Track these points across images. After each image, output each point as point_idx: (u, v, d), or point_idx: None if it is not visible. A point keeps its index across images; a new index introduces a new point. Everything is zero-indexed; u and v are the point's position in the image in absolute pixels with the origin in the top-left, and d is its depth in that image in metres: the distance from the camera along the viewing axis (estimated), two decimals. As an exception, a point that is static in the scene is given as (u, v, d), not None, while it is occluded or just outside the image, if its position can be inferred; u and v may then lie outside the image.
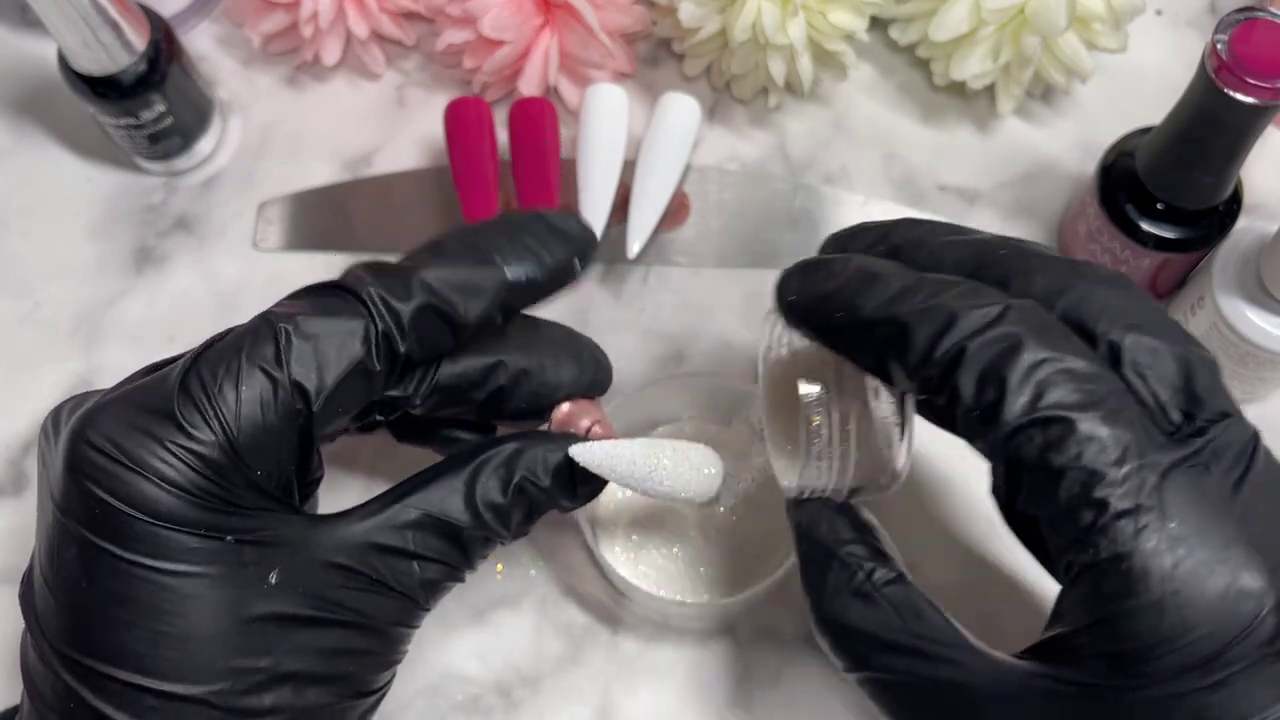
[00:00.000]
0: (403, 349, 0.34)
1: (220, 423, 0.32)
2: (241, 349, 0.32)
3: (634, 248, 0.51)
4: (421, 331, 0.34)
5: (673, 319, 0.54)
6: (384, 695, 0.36)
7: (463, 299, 0.35)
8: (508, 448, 0.36)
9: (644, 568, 0.47)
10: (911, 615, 0.33)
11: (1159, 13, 0.60)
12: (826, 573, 0.35)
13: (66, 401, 0.34)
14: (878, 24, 0.57)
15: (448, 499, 0.35)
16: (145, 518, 0.31)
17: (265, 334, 0.33)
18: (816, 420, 0.36)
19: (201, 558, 0.31)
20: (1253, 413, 0.51)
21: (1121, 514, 0.29)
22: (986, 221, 0.55)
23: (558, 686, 0.47)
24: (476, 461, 0.36)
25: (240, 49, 0.60)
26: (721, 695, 0.47)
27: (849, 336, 0.34)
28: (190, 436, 0.31)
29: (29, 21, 0.61)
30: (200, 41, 0.60)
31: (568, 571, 0.49)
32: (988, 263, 0.34)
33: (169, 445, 0.31)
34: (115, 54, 0.50)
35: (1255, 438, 0.31)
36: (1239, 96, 0.41)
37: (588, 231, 0.39)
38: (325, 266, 0.55)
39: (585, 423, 0.39)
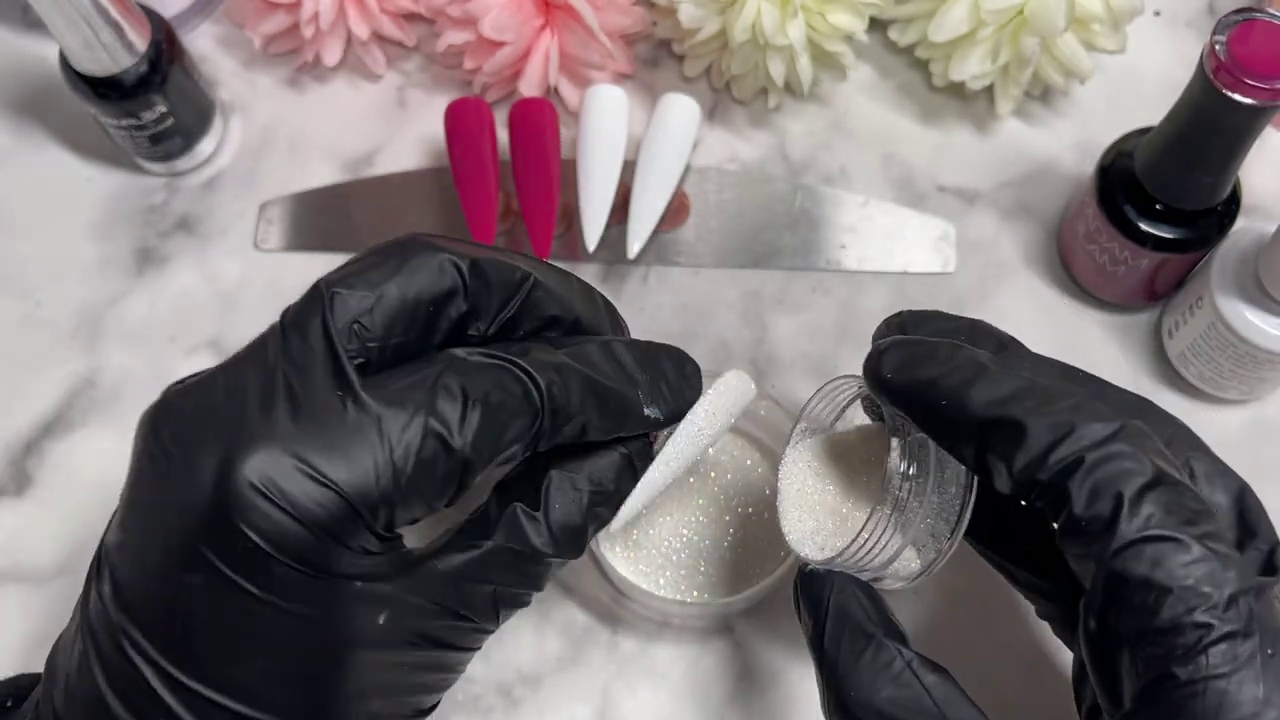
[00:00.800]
0: (542, 448, 0.34)
1: (389, 475, 0.31)
2: (425, 408, 0.32)
3: (634, 248, 0.52)
4: (562, 439, 0.35)
5: (673, 319, 0.54)
6: (435, 709, 0.37)
7: (604, 427, 0.35)
8: (575, 465, 0.36)
9: (644, 567, 0.47)
10: (953, 708, 0.33)
11: (1157, 14, 0.60)
12: (861, 653, 0.34)
13: (176, 393, 0.34)
14: (877, 25, 0.58)
15: (527, 527, 0.35)
16: (286, 560, 0.30)
17: (455, 398, 0.32)
18: (902, 493, 0.36)
19: (325, 600, 0.31)
20: (1251, 413, 0.52)
21: (1225, 637, 0.29)
22: (986, 221, 0.55)
23: (558, 686, 0.47)
24: (548, 483, 0.36)
25: (241, 50, 0.60)
26: (721, 695, 0.47)
27: (951, 426, 0.34)
28: (352, 479, 0.31)
29: (30, 22, 0.61)
30: (201, 42, 0.60)
31: (568, 571, 0.49)
32: (1068, 381, 0.35)
33: (329, 484, 0.31)
34: (116, 55, 0.50)
35: None
36: (1237, 97, 0.41)
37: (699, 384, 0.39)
38: (326, 267, 0.55)
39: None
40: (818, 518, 0.39)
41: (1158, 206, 0.48)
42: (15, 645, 0.48)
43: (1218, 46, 0.41)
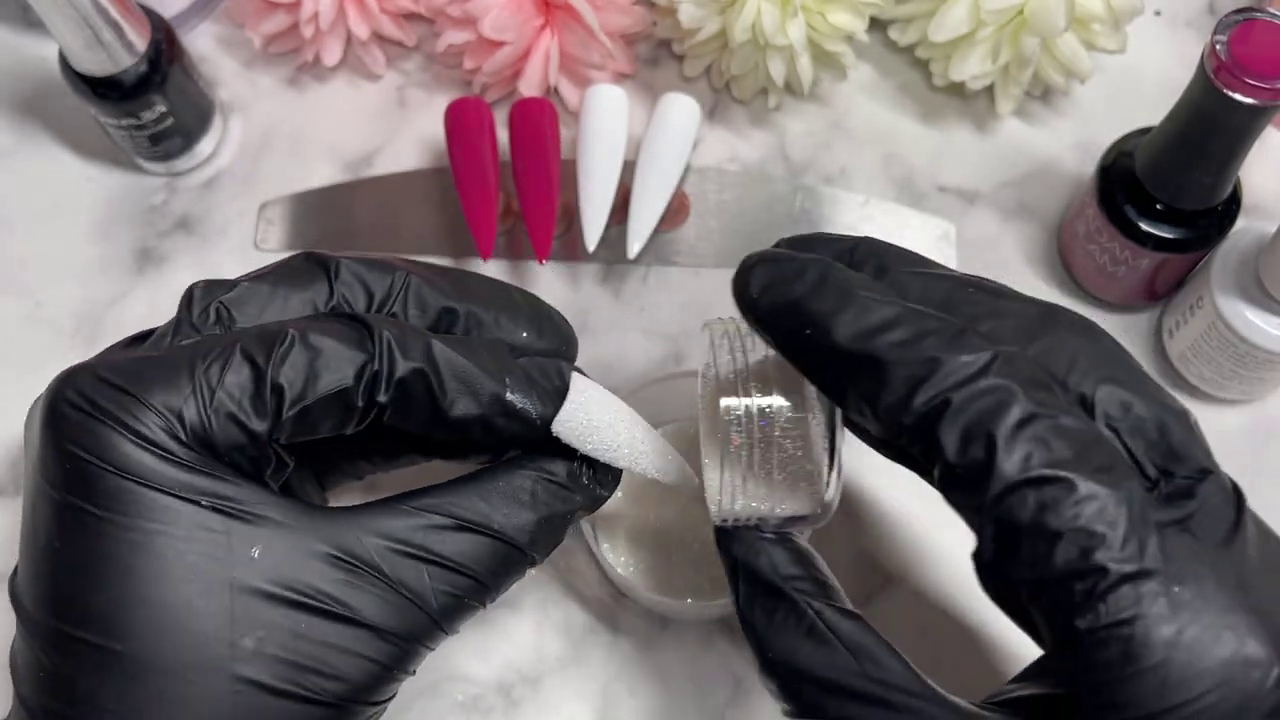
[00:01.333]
0: (382, 399, 0.33)
1: (199, 398, 0.31)
2: (239, 339, 0.32)
3: (634, 248, 0.52)
4: (405, 393, 0.33)
5: (673, 319, 0.54)
6: (382, 711, 0.35)
7: (456, 391, 0.34)
8: (517, 463, 0.36)
9: (644, 568, 0.47)
10: (869, 659, 0.31)
11: (1158, 13, 0.60)
12: (772, 611, 0.33)
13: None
14: (877, 25, 0.58)
15: (461, 501, 0.34)
16: (121, 473, 0.30)
17: (270, 333, 0.33)
18: (739, 439, 0.34)
19: (178, 520, 0.30)
20: (1251, 413, 0.52)
21: (1123, 579, 0.27)
22: (986, 221, 0.55)
23: (558, 686, 0.47)
24: (496, 469, 0.35)
25: (241, 50, 0.60)
26: (721, 695, 0.47)
27: (814, 358, 0.31)
28: (168, 401, 0.31)
29: (30, 22, 0.61)
30: (201, 42, 0.60)
31: (568, 571, 0.49)
32: (957, 300, 0.32)
33: (148, 405, 0.31)
34: (116, 55, 0.50)
35: (1239, 494, 0.30)
36: (1238, 97, 0.41)
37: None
38: (326, 267, 0.55)
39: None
40: (721, 471, 0.36)
41: (1158, 206, 0.48)
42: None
43: (1218, 46, 0.41)
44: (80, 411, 0.31)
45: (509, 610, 0.48)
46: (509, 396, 0.34)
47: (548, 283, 0.54)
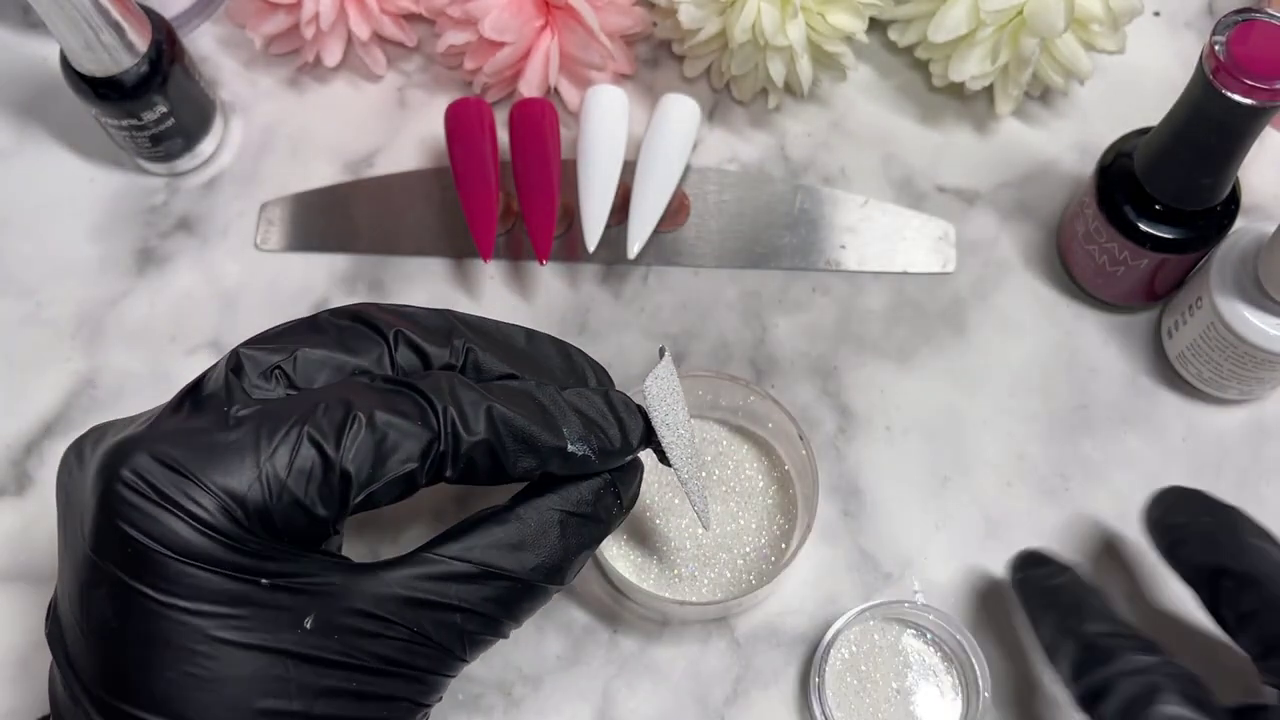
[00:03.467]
0: (449, 475, 0.34)
1: (264, 485, 0.31)
2: (305, 420, 0.32)
3: (634, 248, 0.52)
4: (472, 465, 0.34)
5: (673, 319, 0.54)
6: None
7: (518, 453, 0.35)
8: (537, 495, 0.36)
9: (644, 567, 0.47)
10: None
11: (1157, 14, 0.60)
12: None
13: (88, 434, 0.34)
14: (876, 25, 0.58)
15: (488, 550, 0.35)
16: (181, 559, 0.30)
17: (336, 414, 0.32)
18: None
19: (234, 600, 0.31)
20: (1251, 412, 0.52)
21: None
22: (985, 221, 0.55)
23: (558, 685, 0.47)
24: (522, 508, 0.36)
25: (242, 50, 0.60)
26: (721, 695, 0.47)
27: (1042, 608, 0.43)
28: (230, 485, 0.31)
29: (31, 23, 0.61)
30: (202, 42, 0.60)
31: (568, 571, 0.49)
32: None
33: (209, 489, 0.31)
34: (117, 55, 0.50)
35: None
36: (1237, 98, 0.42)
37: (643, 424, 0.38)
38: (327, 267, 0.55)
39: None
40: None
41: (1157, 206, 0.48)
42: (15, 645, 0.48)
43: (1217, 46, 0.41)
44: (139, 494, 0.31)
45: (509, 610, 0.48)
46: (570, 449, 0.36)
47: (548, 283, 0.54)
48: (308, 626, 0.32)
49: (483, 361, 0.36)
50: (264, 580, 0.31)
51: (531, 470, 0.35)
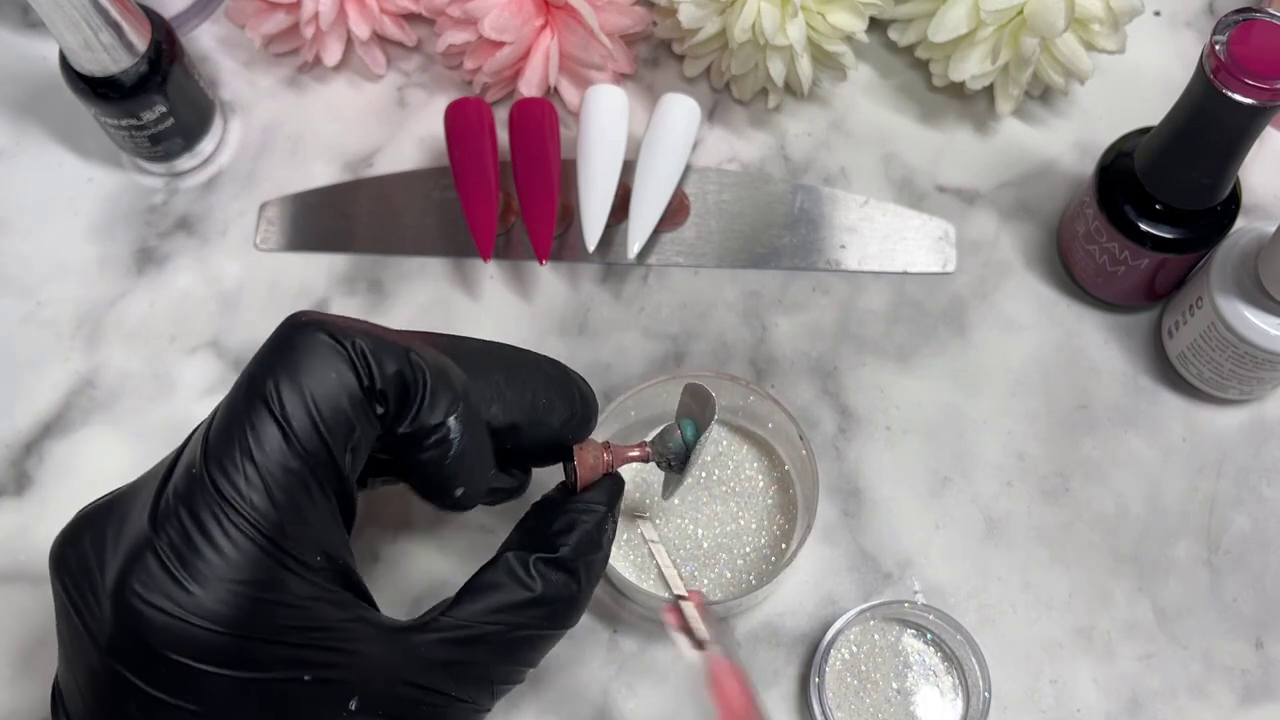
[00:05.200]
0: (376, 386, 0.33)
1: (250, 515, 0.31)
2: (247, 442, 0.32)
3: (634, 248, 0.52)
4: (403, 384, 0.34)
5: (673, 319, 0.54)
6: None
7: (441, 380, 0.34)
8: (564, 545, 0.37)
9: (644, 567, 0.47)
10: None
11: (1157, 14, 0.60)
12: None
13: (78, 530, 0.33)
14: (877, 25, 0.58)
15: (517, 611, 0.36)
16: (209, 668, 0.30)
17: (261, 414, 0.32)
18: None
19: (266, 699, 0.30)
20: (1251, 412, 0.52)
21: None
22: (986, 221, 0.55)
23: (558, 686, 0.47)
24: (536, 561, 0.36)
25: (241, 50, 0.60)
26: (721, 694, 0.47)
27: None
28: (221, 551, 0.30)
29: (30, 22, 0.61)
30: (201, 42, 0.60)
31: (568, 571, 0.49)
32: None
33: (203, 567, 0.30)
34: (116, 55, 0.50)
35: None
36: (1237, 97, 0.42)
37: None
38: (326, 267, 0.55)
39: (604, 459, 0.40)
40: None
41: (1158, 206, 0.48)
42: (15, 645, 0.48)
43: (1218, 46, 0.41)
44: (145, 603, 0.30)
45: (509, 610, 0.48)
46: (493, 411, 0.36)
47: (548, 283, 0.54)
48: (353, 709, 0.32)
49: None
50: (307, 676, 0.31)
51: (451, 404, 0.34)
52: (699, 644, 0.41)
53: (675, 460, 0.41)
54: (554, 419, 0.38)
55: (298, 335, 0.32)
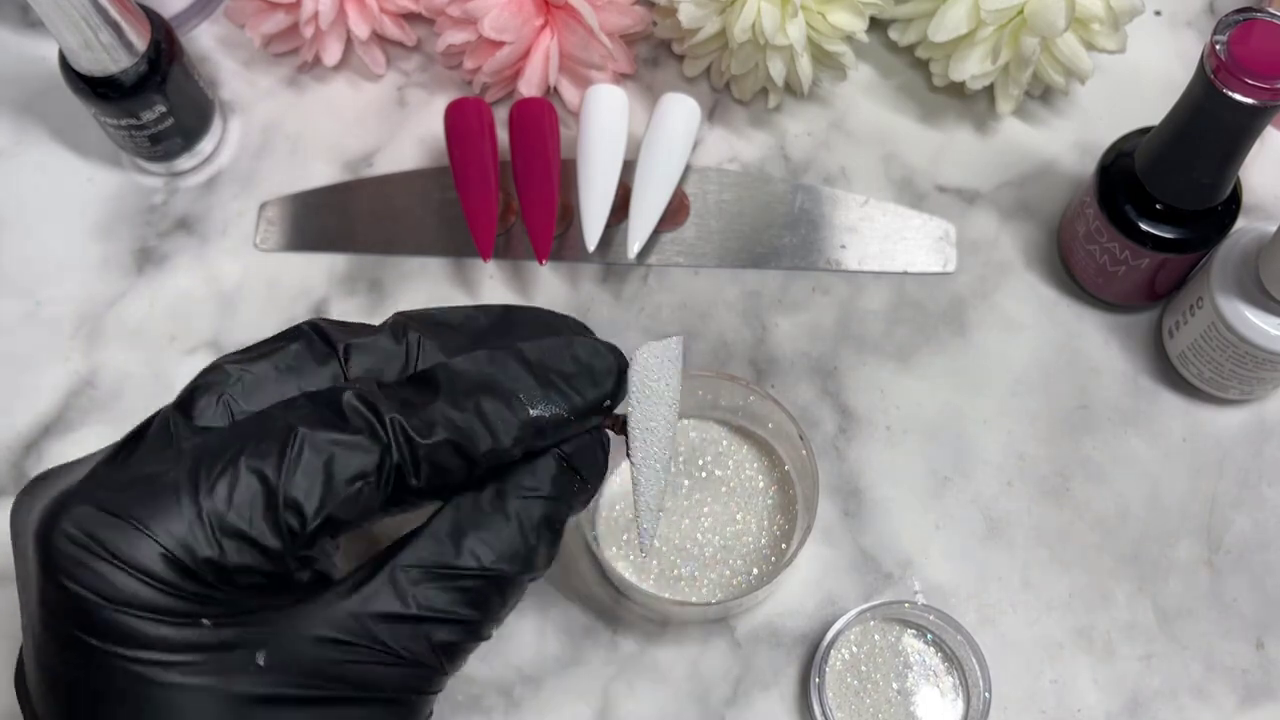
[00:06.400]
0: (418, 484, 0.32)
1: (205, 524, 0.30)
2: (242, 448, 0.31)
3: (634, 248, 0.52)
4: (436, 466, 0.32)
5: (673, 319, 0.54)
6: None
7: (484, 436, 0.32)
8: (490, 485, 0.34)
9: (644, 567, 0.47)
10: None
11: (1158, 13, 0.60)
12: None
13: (33, 484, 0.33)
14: (877, 25, 0.57)
15: (443, 548, 0.33)
16: (121, 609, 0.29)
17: (276, 438, 0.31)
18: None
19: (182, 646, 0.30)
20: (1251, 412, 0.52)
21: None
22: (986, 221, 0.55)
23: (558, 686, 0.47)
24: (466, 498, 0.34)
25: (241, 49, 0.60)
26: (721, 695, 0.47)
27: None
28: (171, 528, 0.30)
29: (30, 22, 0.61)
30: (201, 42, 0.60)
31: (568, 571, 0.49)
32: None
33: (149, 534, 0.30)
34: (116, 55, 0.50)
35: None
36: (1237, 97, 0.41)
37: (619, 362, 0.35)
38: (326, 267, 0.55)
39: None
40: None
41: (1158, 206, 0.48)
42: (15, 645, 0.48)
43: (1218, 46, 0.41)
44: (77, 545, 0.30)
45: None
46: (534, 413, 0.33)
47: (547, 283, 0.54)
48: (261, 663, 0.30)
49: (442, 349, 0.35)
50: (205, 621, 0.30)
51: (506, 451, 0.33)
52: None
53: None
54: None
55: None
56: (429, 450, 0.32)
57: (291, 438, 0.31)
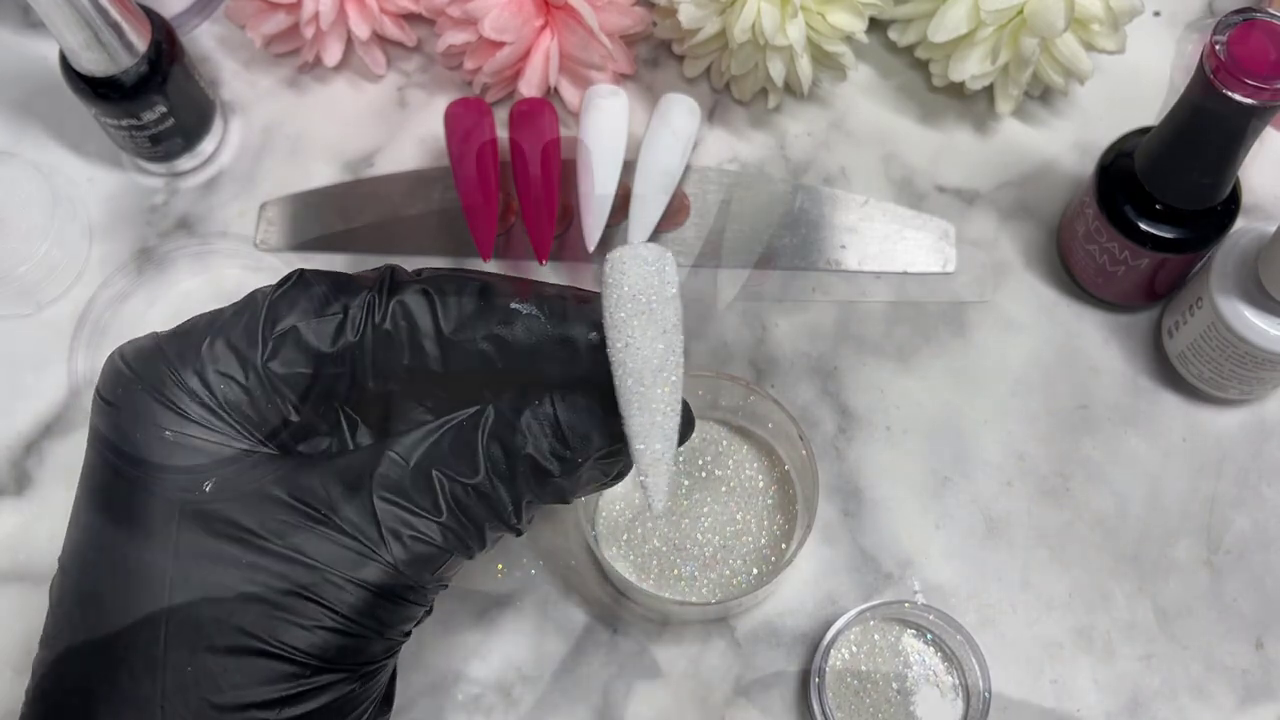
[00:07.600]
0: (382, 321, 0.35)
1: (210, 357, 0.36)
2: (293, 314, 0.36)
3: (634, 248, 0.52)
4: (407, 311, 0.34)
5: (673, 319, 0.54)
6: (380, 695, 0.34)
7: (454, 291, 0.34)
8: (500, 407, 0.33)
9: (644, 567, 0.47)
10: None
11: (1157, 14, 0.60)
12: None
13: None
14: (876, 25, 0.58)
15: (457, 454, 0.32)
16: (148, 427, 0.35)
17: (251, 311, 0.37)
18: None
19: (168, 454, 0.34)
20: (1251, 413, 0.52)
21: None
22: (986, 222, 0.55)
23: (558, 686, 0.47)
24: (471, 414, 0.33)
25: (242, 50, 0.60)
26: (721, 695, 0.47)
27: None
28: (196, 365, 0.35)
29: (31, 23, 0.61)
30: (202, 42, 0.60)
31: (568, 571, 0.49)
32: None
33: (177, 370, 0.36)
34: (117, 55, 0.50)
35: None
36: (1237, 97, 0.42)
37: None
38: (327, 267, 0.55)
39: None
40: None
41: (1158, 206, 0.48)
42: (15, 645, 0.48)
43: (1218, 46, 0.41)
44: (128, 368, 0.36)
45: (509, 610, 0.48)
46: (514, 306, 0.33)
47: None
48: (206, 490, 0.32)
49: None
50: (168, 431, 0.34)
51: (471, 319, 0.33)
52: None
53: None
54: None
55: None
56: (405, 288, 0.35)
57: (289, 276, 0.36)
